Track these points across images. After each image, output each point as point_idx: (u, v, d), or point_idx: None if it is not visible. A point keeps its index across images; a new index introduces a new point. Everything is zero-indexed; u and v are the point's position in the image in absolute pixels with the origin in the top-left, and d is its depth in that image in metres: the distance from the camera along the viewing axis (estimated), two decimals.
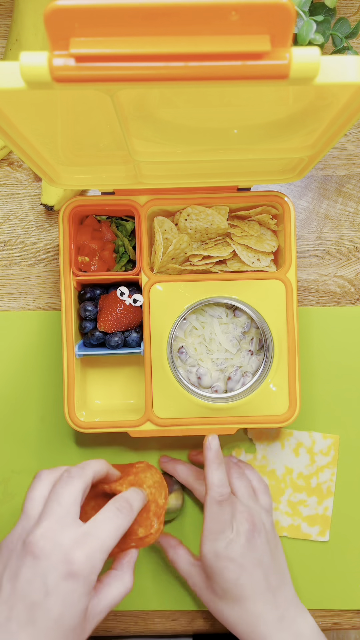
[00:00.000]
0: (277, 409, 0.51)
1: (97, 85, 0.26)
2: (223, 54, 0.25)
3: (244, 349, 0.54)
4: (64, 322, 0.52)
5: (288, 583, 0.48)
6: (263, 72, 0.25)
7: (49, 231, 0.58)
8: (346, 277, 0.58)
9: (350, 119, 0.33)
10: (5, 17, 0.58)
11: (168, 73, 0.25)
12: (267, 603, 0.45)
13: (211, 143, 0.42)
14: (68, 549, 0.36)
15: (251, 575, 0.45)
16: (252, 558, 0.46)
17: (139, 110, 0.35)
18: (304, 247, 0.58)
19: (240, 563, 0.45)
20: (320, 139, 0.38)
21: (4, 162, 0.58)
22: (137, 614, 0.56)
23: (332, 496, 0.56)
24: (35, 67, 0.26)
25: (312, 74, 0.26)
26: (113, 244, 0.54)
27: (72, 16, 0.24)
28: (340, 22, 0.54)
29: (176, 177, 0.49)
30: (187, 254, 0.53)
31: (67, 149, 0.42)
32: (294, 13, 0.24)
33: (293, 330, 0.51)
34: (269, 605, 0.45)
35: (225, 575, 0.45)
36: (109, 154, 0.43)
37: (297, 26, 0.51)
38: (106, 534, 0.38)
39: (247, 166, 0.47)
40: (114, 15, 0.24)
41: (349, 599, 0.55)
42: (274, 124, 0.38)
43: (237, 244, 0.52)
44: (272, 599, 0.46)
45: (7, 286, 0.58)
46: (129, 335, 0.53)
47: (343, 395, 0.57)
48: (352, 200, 0.58)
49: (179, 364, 0.54)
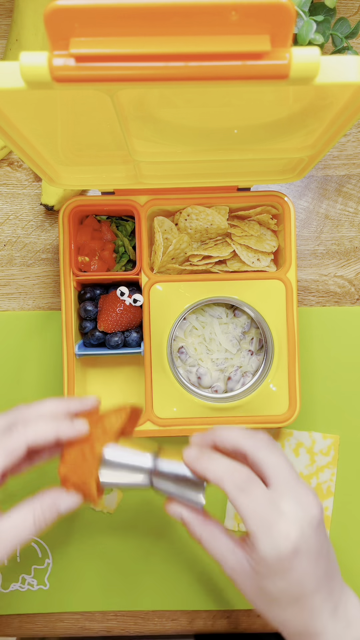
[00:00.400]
0: (277, 409, 0.51)
1: (97, 85, 0.26)
2: (223, 54, 0.25)
3: (244, 349, 0.54)
4: (64, 322, 0.52)
5: (336, 563, 0.40)
6: (263, 72, 0.25)
7: (49, 231, 0.58)
8: (346, 277, 0.58)
9: (351, 119, 0.33)
10: (5, 17, 0.58)
11: (168, 73, 0.25)
12: (325, 595, 0.38)
13: (211, 143, 0.42)
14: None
15: (316, 568, 0.37)
16: (318, 546, 0.37)
17: (139, 110, 0.35)
18: (304, 247, 0.58)
19: (306, 557, 0.36)
20: (321, 139, 0.38)
21: (4, 162, 0.58)
22: (137, 614, 0.56)
23: (332, 496, 0.56)
24: (35, 67, 0.26)
25: (312, 74, 0.26)
26: (113, 244, 0.54)
27: (72, 16, 0.24)
28: (340, 22, 0.54)
29: (176, 177, 0.49)
30: (187, 254, 0.53)
31: (67, 149, 0.42)
32: (294, 13, 0.24)
33: (293, 330, 0.51)
34: (327, 597, 0.38)
35: (289, 577, 0.36)
36: (109, 154, 0.43)
37: (297, 26, 0.51)
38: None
39: (247, 166, 0.47)
40: (114, 15, 0.24)
41: None
42: (274, 124, 0.38)
43: (237, 244, 0.52)
44: (329, 590, 0.38)
45: (7, 286, 0.58)
46: (129, 335, 0.53)
47: (343, 395, 0.57)
48: (352, 200, 0.58)
49: (179, 364, 0.54)
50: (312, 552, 0.36)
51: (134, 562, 0.56)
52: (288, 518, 0.35)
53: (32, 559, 0.56)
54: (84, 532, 0.56)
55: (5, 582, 0.56)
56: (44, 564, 0.56)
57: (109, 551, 0.56)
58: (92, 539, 0.56)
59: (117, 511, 0.56)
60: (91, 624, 0.56)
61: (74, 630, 0.56)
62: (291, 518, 0.36)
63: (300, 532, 0.35)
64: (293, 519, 0.36)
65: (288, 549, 0.35)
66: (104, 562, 0.56)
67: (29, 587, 0.56)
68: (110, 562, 0.56)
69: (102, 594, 0.56)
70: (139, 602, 0.56)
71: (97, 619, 0.56)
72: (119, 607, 0.56)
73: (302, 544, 0.35)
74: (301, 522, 0.36)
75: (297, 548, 0.35)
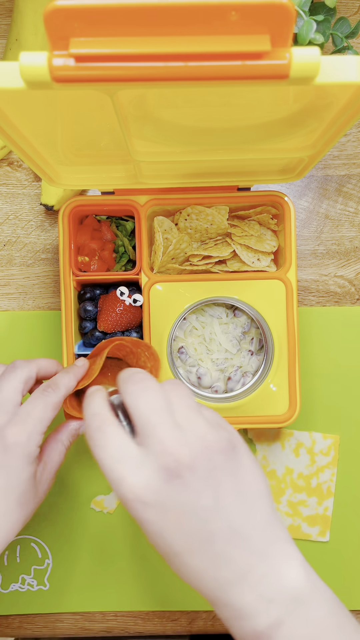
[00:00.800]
0: (277, 409, 0.51)
1: (97, 85, 0.26)
2: (223, 53, 0.25)
3: (244, 349, 0.54)
4: (63, 322, 0.52)
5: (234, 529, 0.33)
6: (263, 72, 0.25)
7: (48, 231, 0.58)
8: (346, 277, 0.58)
9: (351, 119, 0.33)
10: (5, 17, 0.58)
11: (168, 73, 0.25)
12: (209, 562, 0.32)
13: (211, 143, 0.42)
14: (2, 428, 0.40)
15: (178, 525, 0.32)
16: (174, 501, 0.32)
17: (139, 110, 0.35)
18: (304, 247, 0.58)
19: (158, 512, 0.32)
20: (321, 138, 0.38)
21: (4, 162, 0.58)
22: (137, 614, 0.56)
23: (332, 496, 0.56)
24: (35, 67, 0.26)
25: (312, 74, 0.26)
26: (113, 244, 0.54)
27: (72, 16, 0.24)
28: (340, 22, 0.54)
29: (176, 177, 0.49)
30: (187, 254, 0.53)
31: (67, 149, 0.42)
32: (294, 13, 0.24)
33: (293, 330, 0.51)
34: (212, 563, 0.32)
35: (147, 529, 0.33)
36: (109, 154, 0.43)
37: (297, 26, 0.51)
38: (36, 410, 0.41)
39: (247, 166, 0.47)
40: (113, 15, 0.24)
41: (349, 599, 0.55)
42: (274, 123, 0.38)
43: (237, 244, 0.52)
44: (214, 556, 0.32)
45: (7, 286, 0.58)
46: (128, 336, 0.53)
47: (343, 396, 0.57)
48: (353, 200, 0.58)
49: (179, 364, 0.53)
50: (166, 508, 0.31)
51: (134, 562, 0.56)
52: (133, 470, 0.31)
53: (32, 560, 0.56)
54: (84, 532, 0.56)
55: (5, 583, 0.56)
56: (43, 565, 0.56)
57: (109, 551, 0.56)
58: (92, 539, 0.56)
59: (117, 511, 0.56)
60: (91, 624, 0.56)
61: (73, 631, 0.56)
62: (140, 469, 0.31)
63: (145, 483, 0.31)
64: (143, 471, 0.31)
65: (132, 501, 0.31)
66: (104, 562, 0.56)
67: (29, 588, 0.56)
68: (110, 562, 0.56)
69: (102, 594, 0.56)
70: (139, 602, 0.56)
71: (97, 619, 0.56)
72: (119, 607, 0.56)
73: (148, 498, 0.31)
74: (148, 474, 0.31)
75: (144, 502, 0.31)
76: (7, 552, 0.56)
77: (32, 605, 0.56)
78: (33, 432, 0.40)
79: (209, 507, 0.31)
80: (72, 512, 0.56)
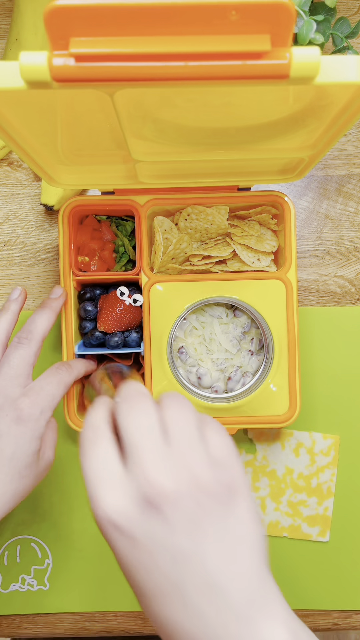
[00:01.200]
0: (277, 409, 0.51)
1: (97, 85, 0.26)
2: (223, 53, 0.25)
3: (244, 349, 0.54)
4: (63, 322, 0.52)
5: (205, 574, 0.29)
6: (263, 72, 0.25)
7: (48, 231, 0.58)
8: (346, 277, 0.58)
9: (351, 119, 0.33)
10: (5, 17, 0.58)
11: (168, 73, 0.25)
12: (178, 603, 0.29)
13: (211, 143, 0.42)
14: (16, 399, 0.42)
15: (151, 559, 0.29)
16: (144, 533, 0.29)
17: (138, 109, 0.35)
18: (304, 247, 0.58)
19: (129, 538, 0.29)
20: (321, 139, 0.38)
21: (4, 162, 0.58)
22: (137, 614, 0.56)
23: (332, 496, 0.56)
24: (35, 66, 0.26)
25: (312, 74, 0.26)
26: (113, 244, 0.54)
27: (72, 16, 0.24)
28: (340, 22, 0.54)
29: (176, 177, 0.49)
30: (187, 254, 0.53)
31: (67, 149, 0.42)
32: (294, 12, 0.24)
33: (293, 330, 0.51)
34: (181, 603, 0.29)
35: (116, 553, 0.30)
36: (109, 154, 0.43)
37: (297, 26, 0.50)
38: (49, 385, 0.44)
39: (247, 166, 0.47)
40: (113, 15, 0.24)
41: (349, 599, 0.55)
42: (274, 123, 0.38)
43: (237, 244, 0.52)
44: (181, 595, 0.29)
45: (7, 286, 0.58)
46: (128, 335, 0.53)
47: (343, 396, 0.57)
48: (353, 200, 0.58)
49: (179, 364, 0.53)
50: (137, 539, 0.28)
51: None
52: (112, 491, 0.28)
53: (32, 560, 0.56)
54: (84, 532, 0.56)
55: (5, 582, 0.56)
56: (43, 565, 0.56)
57: (109, 551, 0.56)
58: (92, 539, 0.56)
59: None
60: (91, 624, 0.56)
61: (73, 631, 0.56)
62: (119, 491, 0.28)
63: (121, 508, 0.28)
64: (122, 494, 0.28)
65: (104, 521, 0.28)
66: (104, 562, 0.56)
67: (29, 588, 0.56)
68: (110, 562, 0.56)
69: (102, 594, 0.56)
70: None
71: (97, 619, 0.56)
72: (119, 607, 0.56)
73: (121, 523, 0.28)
74: (126, 498, 0.28)
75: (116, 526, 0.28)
76: (7, 552, 0.56)
77: (32, 605, 0.56)
78: (46, 408, 0.42)
79: (184, 547, 0.28)
80: (72, 512, 0.56)
